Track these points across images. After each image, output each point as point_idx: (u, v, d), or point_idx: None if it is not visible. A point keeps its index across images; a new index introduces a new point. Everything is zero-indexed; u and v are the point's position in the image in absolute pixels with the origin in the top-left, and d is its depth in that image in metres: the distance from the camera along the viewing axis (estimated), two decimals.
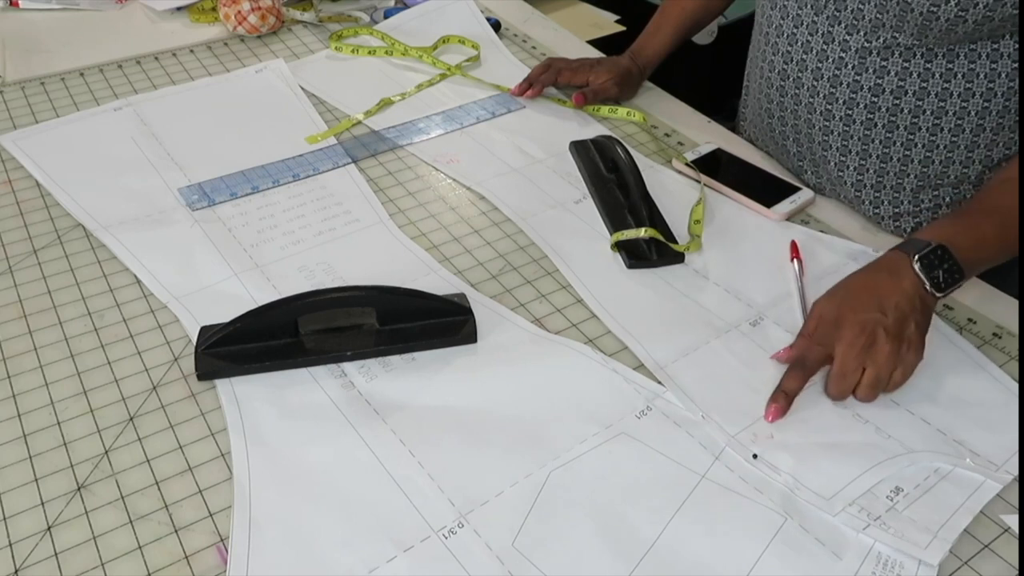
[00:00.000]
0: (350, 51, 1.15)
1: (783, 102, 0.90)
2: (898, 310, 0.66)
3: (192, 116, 1.01)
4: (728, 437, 0.64)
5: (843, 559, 0.56)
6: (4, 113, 1.01)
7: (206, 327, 0.70)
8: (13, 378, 0.68)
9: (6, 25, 1.19)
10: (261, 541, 0.57)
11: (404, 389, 0.68)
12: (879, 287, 0.68)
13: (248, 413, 0.65)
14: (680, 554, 0.57)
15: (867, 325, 0.65)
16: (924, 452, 0.63)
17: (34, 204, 0.87)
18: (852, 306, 0.67)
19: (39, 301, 0.75)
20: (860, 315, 0.66)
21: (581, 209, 0.87)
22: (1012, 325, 0.74)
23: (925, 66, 0.78)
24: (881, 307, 0.66)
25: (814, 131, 0.88)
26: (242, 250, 0.81)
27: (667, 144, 0.98)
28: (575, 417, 0.65)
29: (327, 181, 0.91)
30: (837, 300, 0.68)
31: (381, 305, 0.71)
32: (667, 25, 1.07)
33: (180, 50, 1.15)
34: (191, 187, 0.89)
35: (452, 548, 0.57)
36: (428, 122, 1.01)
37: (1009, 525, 0.59)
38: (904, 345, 0.66)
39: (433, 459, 0.62)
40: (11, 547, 0.56)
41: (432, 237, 0.84)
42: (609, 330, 0.73)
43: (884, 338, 0.65)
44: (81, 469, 0.61)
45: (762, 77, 0.92)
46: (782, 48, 0.87)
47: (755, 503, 0.60)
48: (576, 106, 1.03)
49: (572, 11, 1.56)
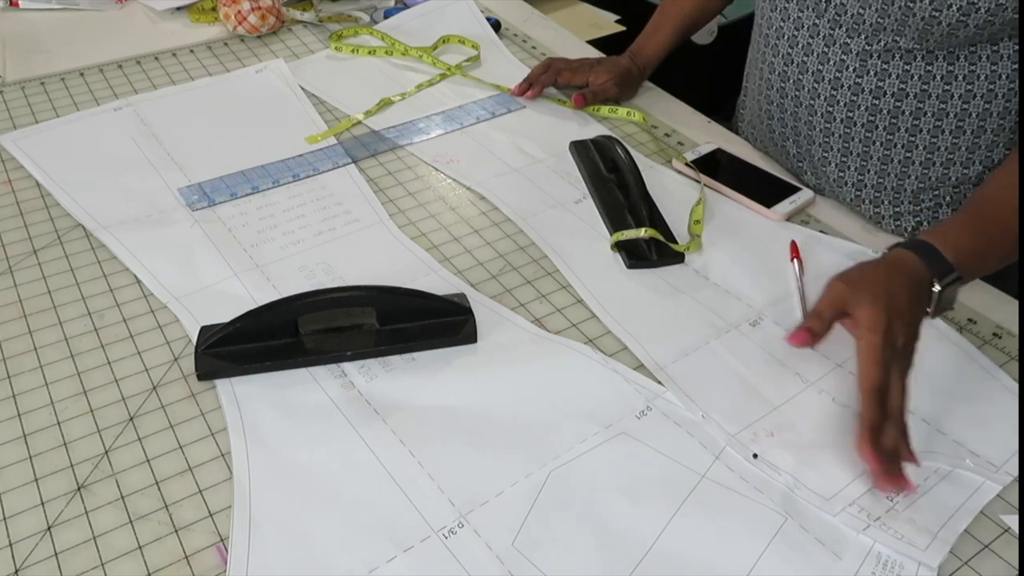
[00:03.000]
0: (350, 51, 1.15)
1: (783, 104, 0.90)
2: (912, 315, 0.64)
3: (192, 116, 1.01)
4: (728, 437, 0.64)
5: (843, 559, 0.56)
6: (4, 113, 1.01)
7: (206, 327, 0.70)
8: (13, 378, 0.68)
9: (6, 25, 1.19)
10: (261, 541, 0.57)
11: (404, 389, 0.68)
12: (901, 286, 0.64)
13: (248, 413, 0.65)
14: (680, 554, 0.57)
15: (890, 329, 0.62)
16: (924, 452, 0.63)
17: (34, 204, 0.87)
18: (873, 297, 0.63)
19: (39, 301, 0.75)
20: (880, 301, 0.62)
21: (581, 209, 0.87)
22: (1012, 325, 0.74)
23: (926, 68, 0.78)
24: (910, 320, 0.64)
25: (815, 133, 0.88)
26: (242, 250, 0.81)
27: (667, 144, 0.98)
28: (575, 417, 0.65)
29: (327, 181, 0.91)
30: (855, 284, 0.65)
31: (381, 305, 0.71)
32: (666, 25, 1.07)
33: (180, 50, 1.15)
34: (191, 187, 0.89)
35: (452, 548, 0.57)
36: (428, 122, 1.01)
37: (1009, 525, 0.59)
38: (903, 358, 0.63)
39: (433, 459, 0.62)
40: (11, 547, 0.56)
41: (432, 237, 0.84)
42: (609, 330, 0.73)
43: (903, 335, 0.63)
44: (81, 469, 0.61)
45: (761, 79, 0.92)
46: (782, 50, 0.87)
47: (755, 503, 0.60)
48: (576, 107, 1.03)
49: (572, 11, 1.56)
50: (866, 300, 0.62)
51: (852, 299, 0.63)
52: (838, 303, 0.63)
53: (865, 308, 0.62)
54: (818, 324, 0.63)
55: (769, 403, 0.67)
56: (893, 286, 0.64)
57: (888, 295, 0.63)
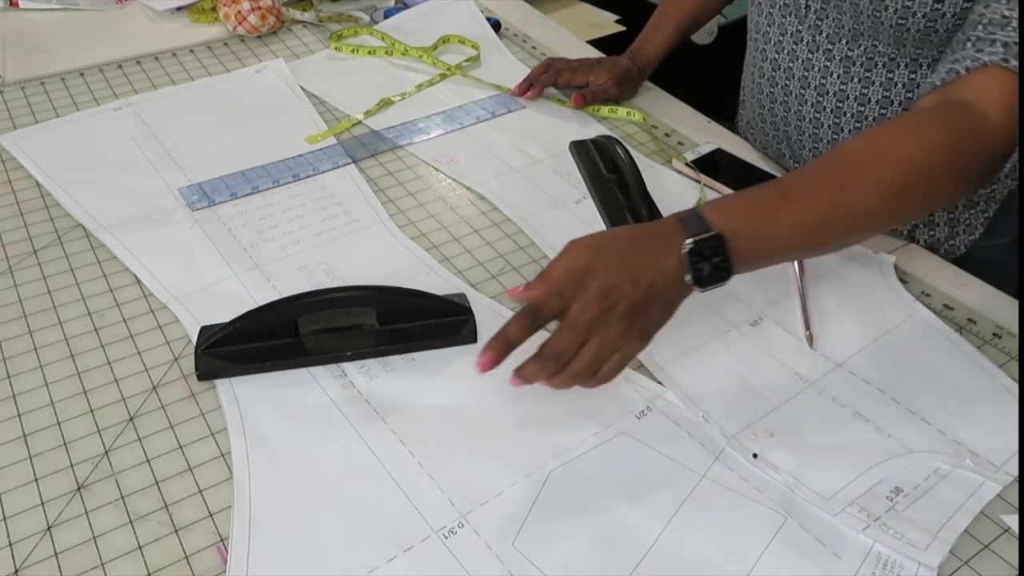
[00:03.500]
0: (350, 51, 1.15)
1: (774, 108, 0.90)
2: (650, 291, 0.58)
3: (192, 116, 1.01)
4: (728, 437, 0.64)
5: (843, 559, 0.56)
6: (4, 113, 1.01)
7: (206, 327, 0.70)
8: (13, 378, 0.68)
9: (6, 25, 1.19)
10: (261, 541, 0.57)
11: (404, 389, 0.68)
12: (641, 254, 0.58)
13: (248, 413, 0.65)
14: (680, 554, 0.57)
15: (612, 293, 0.57)
16: (924, 452, 0.63)
17: (34, 204, 0.87)
18: (606, 264, 0.58)
19: (39, 301, 0.75)
20: (610, 279, 0.57)
21: (581, 209, 0.87)
22: (1012, 325, 0.74)
23: (909, 76, 0.77)
24: (635, 278, 0.57)
25: (804, 138, 0.88)
26: (242, 250, 0.81)
27: (667, 144, 0.98)
28: (575, 417, 0.65)
29: (327, 181, 0.91)
30: (593, 250, 0.59)
31: (381, 305, 0.71)
32: (666, 24, 1.07)
33: (180, 50, 1.15)
34: (191, 187, 0.89)
35: (452, 548, 0.57)
36: (428, 122, 1.01)
37: (1009, 525, 0.59)
38: (636, 331, 0.59)
39: (433, 459, 0.62)
40: (11, 547, 0.56)
41: (432, 237, 0.84)
42: None
43: (622, 314, 0.57)
44: (81, 469, 0.61)
45: (754, 83, 0.92)
46: (770, 55, 0.88)
47: (755, 503, 0.60)
48: (576, 107, 1.03)
49: (572, 11, 1.56)
50: (584, 298, 0.57)
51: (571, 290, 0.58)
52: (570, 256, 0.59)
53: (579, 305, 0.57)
54: (538, 282, 0.58)
55: (769, 403, 0.67)
56: (623, 247, 0.59)
57: (617, 255, 0.58)
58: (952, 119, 0.63)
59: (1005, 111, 0.62)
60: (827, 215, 0.60)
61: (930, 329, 0.73)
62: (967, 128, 0.62)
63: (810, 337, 0.72)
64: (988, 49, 0.64)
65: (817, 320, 0.74)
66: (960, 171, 0.62)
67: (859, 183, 0.60)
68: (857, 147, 0.62)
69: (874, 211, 0.60)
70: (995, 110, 0.62)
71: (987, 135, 0.62)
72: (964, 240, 0.85)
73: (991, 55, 0.63)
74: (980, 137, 0.62)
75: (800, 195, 0.61)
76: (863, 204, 0.60)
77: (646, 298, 0.58)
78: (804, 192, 0.61)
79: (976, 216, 0.84)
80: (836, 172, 0.61)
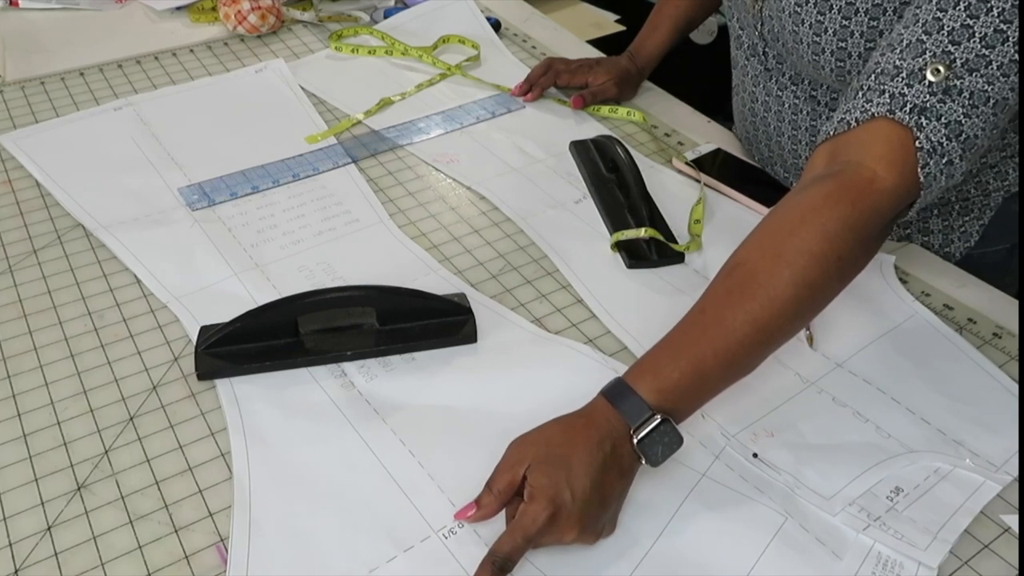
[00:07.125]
0: (350, 51, 1.15)
1: (756, 136, 0.91)
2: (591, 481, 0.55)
3: (192, 116, 1.01)
4: (728, 436, 0.64)
5: (843, 559, 0.56)
6: (4, 113, 1.01)
7: (206, 327, 0.70)
8: (13, 378, 0.68)
9: (6, 25, 1.19)
10: (261, 541, 0.57)
11: (404, 389, 0.68)
12: (583, 452, 0.56)
13: (248, 413, 0.65)
14: (680, 554, 0.57)
15: (555, 500, 0.54)
16: (924, 452, 0.63)
17: (34, 204, 0.87)
18: (547, 470, 0.55)
19: (39, 301, 0.75)
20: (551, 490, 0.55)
21: (581, 209, 0.87)
22: (1012, 325, 0.74)
23: None
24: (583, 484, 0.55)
25: (787, 165, 0.89)
26: (242, 250, 0.81)
27: (667, 144, 0.98)
28: None
29: (327, 181, 0.91)
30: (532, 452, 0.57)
31: (381, 305, 0.71)
32: (663, 24, 1.07)
33: (180, 50, 1.15)
34: (191, 187, 0.89)
35: (452, 548, 0.57)
36: (428, 122, 1.01)
37: (1009, 525, 0.59)
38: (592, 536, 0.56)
39: (433, 459, 0.62)
40: (11, 547, 0.56)
41: (432, 237, 0.84)
42: (609, 330, 0.73)
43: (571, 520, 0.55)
44: (81, 469, 0.61)
45: (737, 110, 0.93)
46: (748, 87, 0.88)
47: (755, 503, 0.60)
48: (575, 108, 1.03)
49: (572, 11, 1.56)
50: (538, 469, 0.56)
51: (526, 463, 0.56)
52: (515, 465, 0.57)
53: (535, 475, 0.55)
54: (488, 498, 0.57)
55: (769, 403, 0.67)
56: (569, 451, 0.56)
57: (563, 462, 0.56)
58: (843, 193, 0.61)
59: (892, 169, 0.61)
60: (749, 336, 0.58)
61: (930, 329, 0.73)
62: (859, 198, 0.61)
63: (810, 337, 0.72)
64: (876, 100, 0.63)
65: (817, 320, 0.74)
66: (861, 244, 0.62)
67: (768, 291, 0.59)
68: (756, 252, 0.61)
69: (791, 313, 0.59)
70: (883, 169, 0.61)
71: (878, 198, 0.61)
72: (959, 247, 0.85)
73: (879, 106, 0.62)
74: (873, 203, 0.61)
75: (716, 326, 0.59)
76: (779, 309, 0.59)
77: (598, 499, 0.56)
78: (719, 321, 0.59)
79: (971, 223, 0.84)
80: (742, 287, 0.60)
